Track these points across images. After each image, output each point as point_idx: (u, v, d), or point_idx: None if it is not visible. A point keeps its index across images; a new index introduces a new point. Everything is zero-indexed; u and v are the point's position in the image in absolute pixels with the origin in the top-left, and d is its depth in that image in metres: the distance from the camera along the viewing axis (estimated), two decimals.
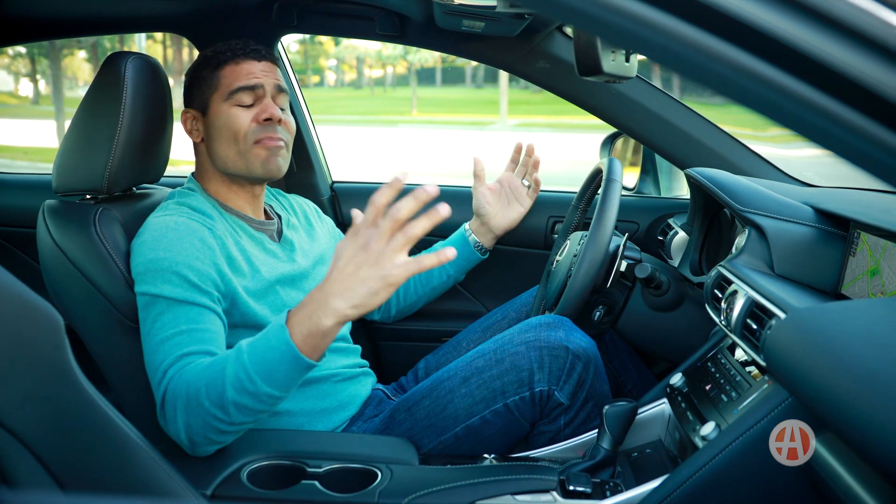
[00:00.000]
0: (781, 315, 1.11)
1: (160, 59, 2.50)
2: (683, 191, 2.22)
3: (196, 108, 1.52)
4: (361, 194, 2.25)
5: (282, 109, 1.52)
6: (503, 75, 22.40)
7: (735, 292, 1.27)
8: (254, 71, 1.49)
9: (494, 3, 1.35)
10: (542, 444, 1.44)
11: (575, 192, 1.95)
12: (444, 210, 1.06)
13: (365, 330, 2.06)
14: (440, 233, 1.99)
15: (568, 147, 14.67)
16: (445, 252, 1.09)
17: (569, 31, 1.90)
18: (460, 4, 1.39)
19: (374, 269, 1.08)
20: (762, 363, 1.11)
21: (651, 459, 1.40)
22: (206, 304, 1.32)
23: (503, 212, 1.91)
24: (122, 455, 0.86)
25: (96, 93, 1.44)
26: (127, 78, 1.40)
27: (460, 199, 2.09)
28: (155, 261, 1.33)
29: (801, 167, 2.03)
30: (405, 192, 1.07)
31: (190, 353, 1.26)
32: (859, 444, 0.80)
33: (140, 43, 14.11)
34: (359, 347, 1.68)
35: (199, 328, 1.30)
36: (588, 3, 0.57)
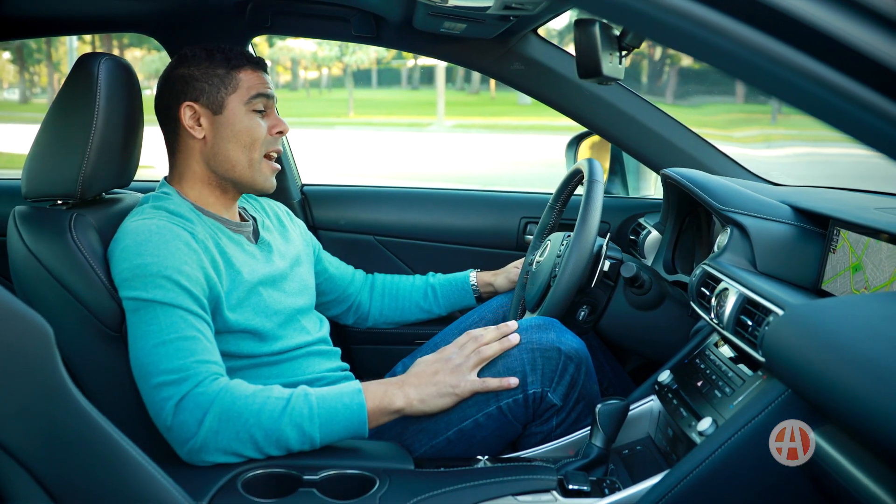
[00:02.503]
0: (779, 311, 1.14)
1: None
2: (651, 191, 2.27)
3: (204, 105, 1.46)
4: (332, 197, 2.23)
5: None
6: (440, 76, 22.41)
7: (725, 290, 1.30)
8: (266, 80, 1.50)
9: (489, 4, 1.35)
10: (533, 445, 1.44)
11: (543, 193, 1.97)
12: (514, 339, 1.39)
13: (338, 333, 2.04)
14: (427, 236, 2.17)
15: (506, 148, 14.80)
16: (509, 380, 1.36)
17: (542, 32, 1.92)
18: (454, 6, 1.38)
19: (449, 376, 1.34)
20: (760, 359, 1.14)
21: (642, 456, 1.42)
22: (198, 312, 1.30)
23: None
24: (118, 467, 0.84)
25: (68, 95, 1.38)
26: (100, 80, 1.36)
27: (438, 200, 2.13)
28: (142, 266, 1.29)
29: (768, 167, 2.10)
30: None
31: (210, 362, 1.26)
32: (864, 433, 0.83)
33: (71, 44, 13.60)
34: (339, 350, 1.65)
35: (203, 337, 1.28)
36: (651, 6, 0.57)
